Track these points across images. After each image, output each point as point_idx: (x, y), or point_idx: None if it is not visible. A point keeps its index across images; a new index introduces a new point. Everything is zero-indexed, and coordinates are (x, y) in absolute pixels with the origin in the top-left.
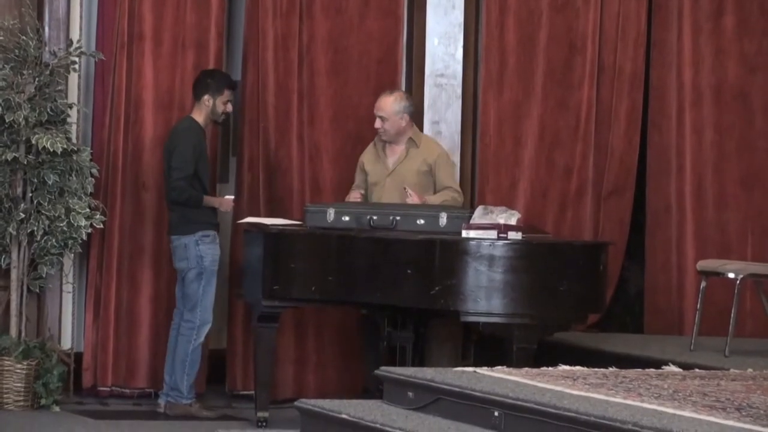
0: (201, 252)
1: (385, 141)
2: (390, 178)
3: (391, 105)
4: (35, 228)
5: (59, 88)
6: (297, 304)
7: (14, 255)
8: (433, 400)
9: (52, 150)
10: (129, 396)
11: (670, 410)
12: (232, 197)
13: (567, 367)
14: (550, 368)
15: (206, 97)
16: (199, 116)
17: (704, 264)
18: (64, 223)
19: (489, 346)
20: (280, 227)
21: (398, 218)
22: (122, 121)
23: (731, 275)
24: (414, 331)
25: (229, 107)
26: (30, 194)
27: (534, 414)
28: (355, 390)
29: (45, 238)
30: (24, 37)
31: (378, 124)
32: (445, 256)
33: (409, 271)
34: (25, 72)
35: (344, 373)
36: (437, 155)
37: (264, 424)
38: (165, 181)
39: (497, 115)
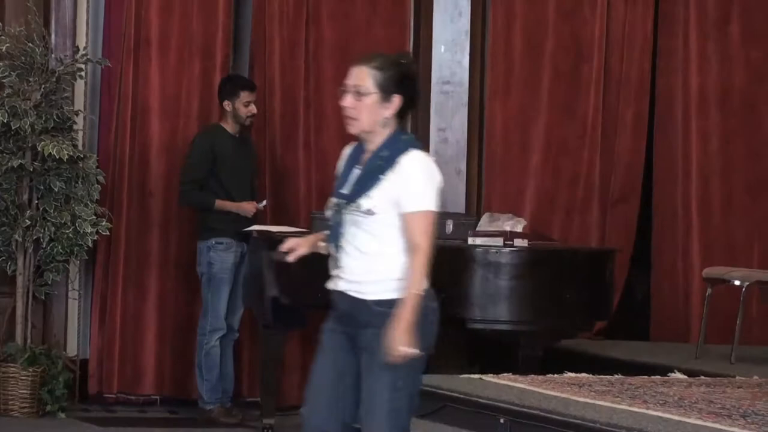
0: (211, 258)
1: None
2: None
3: None
4: (41, 235)
5: (65, 95)
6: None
7: (20, 262)
8: (439, 407)
9: (58, 157)
10: (135, 402)
11: (676, 417)
12: (259, 204)
13: (573, 374)
14: (555, 375)
15: (226, 102)
16: (227, 123)
17: (710, 271)
18: (70, 230)
19: (495, 353)
20: (286, 234)
21: None
22: (128, 127)
23: (737, 282)
24: None
25: (252, 108)
26: (36, 201)
27: (540, 421)
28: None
29: (51, 245)
30: (30, 44)
31: None
32: (451, 263)
33: None
34: (31, 79)
35: None
36: None
37: (270, 431)
38: None
39: (504, 122)
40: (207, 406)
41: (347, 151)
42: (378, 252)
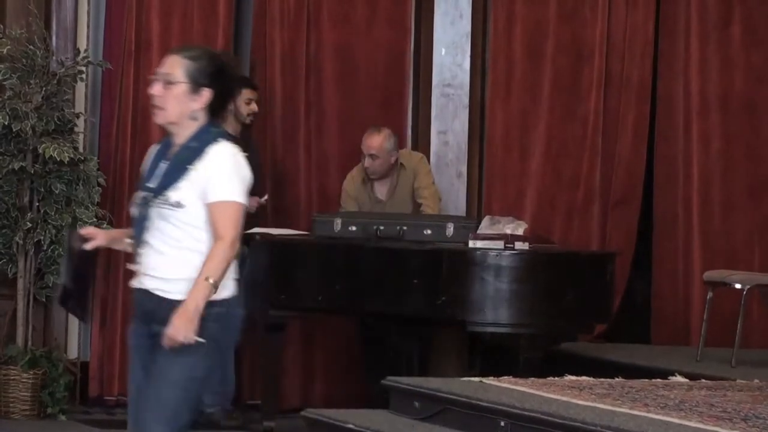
0: None
1: (373, 179)
2: (386, 208)
3: (382, 143)
4: (42, 237)
5: (66, 97)
6: (304, 313)
7: (21, 264)
8: (439, 410)
9: (59, 159)
10: None
11: (677, 420)
12: (260, 199)
13: (573, 377)
14: (556, 378)
15: None
16: (227, 124)
17: (711, 274)
18: None
19: (495, 356)
20: (287, 237)
21: (405, 228)
22: (129, 130)
23: (738, 286)
24: (420, 341)
25: (254, 106)
26: (37, 203)
27: (540, 424)
28: (361, 400)
29: (52, 247)
30: (31, 47)
31: (368, 162)
32: (451, 266)
33: (415, 281)
34: (32, 81)
35: (351, 382)
36: (416, 164)
37: None
38: None
39: (504, 125)
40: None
41: (154, 148)
42: (185, 248)
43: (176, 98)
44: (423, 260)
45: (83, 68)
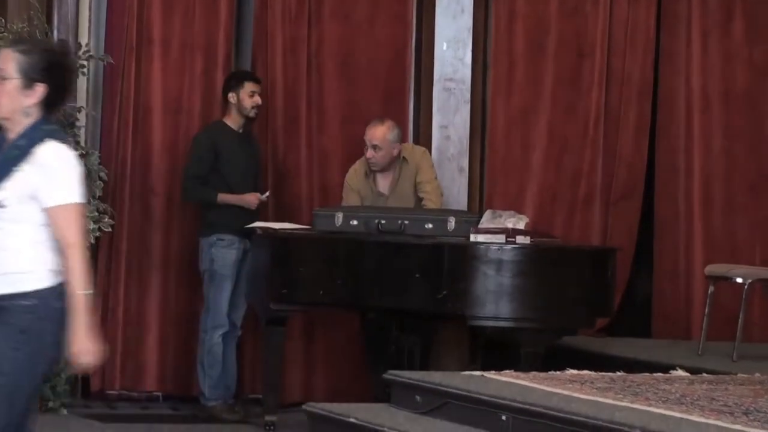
0: (213, 255)
1: (375, 171)
2: (389, 202)
3: (385, 134)
4: None
5: None
6: (305, 307)
7: None
8: (440, 403)
9: None
10: (137, 399)
11: (678, 414)
12: (262, 195)
13: (575, 372)
14: (557, 372)
15: (231, 95)
16: (230, 118)
17: (712, 269)
18: None
19: (497, 350)
20: (289, 231)
21: (407, 222)
22: (131, 125)
23: (739, 280)
24: (422, 335)
25: (257, 99)
26: None
27: (542, 418)
28: (363, 393)
29: None
30: None
31: (370, 153)
32: (453, 260)
33: (417, 275)
34: None
35: (352, 376)
36: (419, 158)
37: (272, 427)
38: None
39: (506, 120)
40: (209, 403)
41: None
42: (3, 247)
43: (8, 94)
44: (424, 254)
45: (85, 62)
